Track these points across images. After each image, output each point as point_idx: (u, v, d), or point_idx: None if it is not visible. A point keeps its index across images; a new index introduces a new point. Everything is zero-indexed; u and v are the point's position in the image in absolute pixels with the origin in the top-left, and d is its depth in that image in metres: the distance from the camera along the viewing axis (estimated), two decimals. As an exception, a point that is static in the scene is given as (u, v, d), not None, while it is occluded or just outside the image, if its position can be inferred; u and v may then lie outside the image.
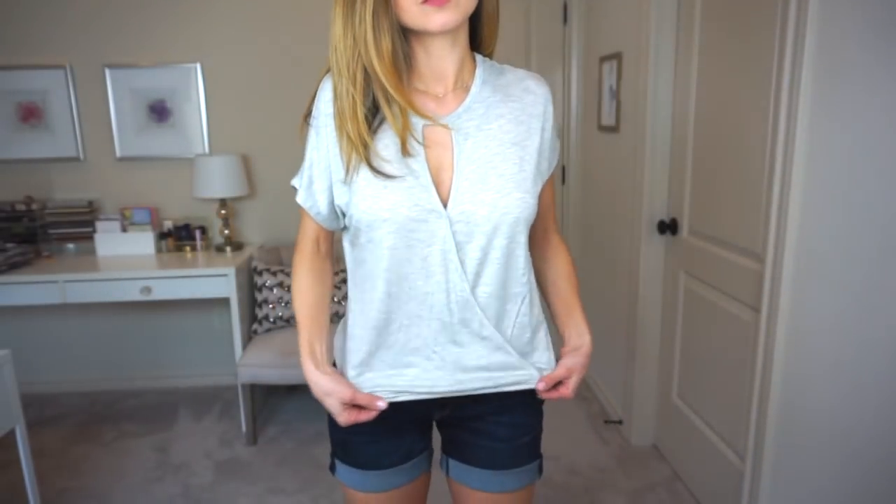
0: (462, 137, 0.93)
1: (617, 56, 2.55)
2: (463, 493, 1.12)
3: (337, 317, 2.83)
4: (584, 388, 3.11)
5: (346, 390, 0.98)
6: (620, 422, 2.67)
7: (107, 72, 2.88)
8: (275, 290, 2.76)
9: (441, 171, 0.93)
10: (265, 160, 3.02)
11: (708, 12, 1.97)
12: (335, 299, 2.80)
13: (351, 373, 1.02)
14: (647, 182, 2.32)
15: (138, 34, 2.88)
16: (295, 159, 1.06)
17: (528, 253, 1.01)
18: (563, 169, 3.20)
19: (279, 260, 2.93)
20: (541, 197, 1.02)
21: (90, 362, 3.18)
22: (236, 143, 3.00)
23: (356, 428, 1.02)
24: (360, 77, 0.88)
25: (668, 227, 2.31)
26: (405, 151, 0.91)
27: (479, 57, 1.00)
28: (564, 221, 3.23)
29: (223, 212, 2.89)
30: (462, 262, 0.93)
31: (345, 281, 2.82)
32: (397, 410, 1.02)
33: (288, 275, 2.79)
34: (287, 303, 2.76)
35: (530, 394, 1.05)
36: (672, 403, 2.35)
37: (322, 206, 1.00)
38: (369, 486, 1.08)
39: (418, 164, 0.92)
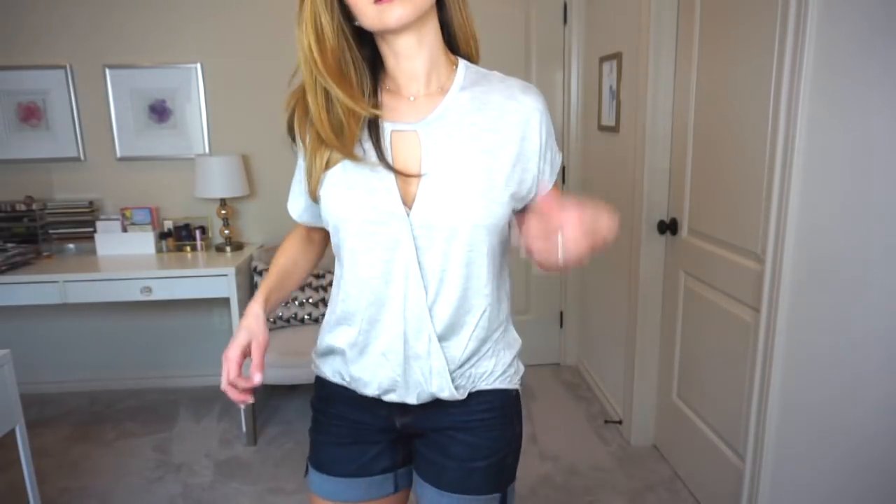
0: (431, 143, 0.93)
1: (617, 56, 2.55)
2: None
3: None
4: (584, 387, 3.10)
5: (260, 335, 0.96)
6: (620, 422, 2.67)
7: (107, 72, 2.88)
8: (275, 290, 2.76)
9: (409, 176, 0.92)
10: (265, 160, 3.02)
11: (708, 12, 1.97)
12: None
13: (315, 357, 1.09)
14: (647, 182, 2.32)
15: (138, 34, 2.88)
16: (295, 159, 1.06)
17: (497, 264, 0.99)
18: (563, 169, 3.20)
19: (279, 260, 2.93)
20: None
21: (90, 362, 3.18)
22: (236, 143, 3.00)
23: (322, 429, 1.08)
24: (319, 81, 0.93)
25: (668, 227, 2.31)
26: (352, 155, 0.92)
27: (463, 63, 0.98)
28: (564, 221, 3.23)
29: (223, 212, 2.89)
30: (422, 269, 0.92)
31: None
32: (360, 411, 1.04)
33: (288, 275, 2.79)
34: (287, 303, 2.76)
35: (500, 415, 1.03)
36: (672, 403, 2.35)
37: (299, 208, 1.08)
38: (324, 491, 1.07)
39: (384, 167, 0.92)
